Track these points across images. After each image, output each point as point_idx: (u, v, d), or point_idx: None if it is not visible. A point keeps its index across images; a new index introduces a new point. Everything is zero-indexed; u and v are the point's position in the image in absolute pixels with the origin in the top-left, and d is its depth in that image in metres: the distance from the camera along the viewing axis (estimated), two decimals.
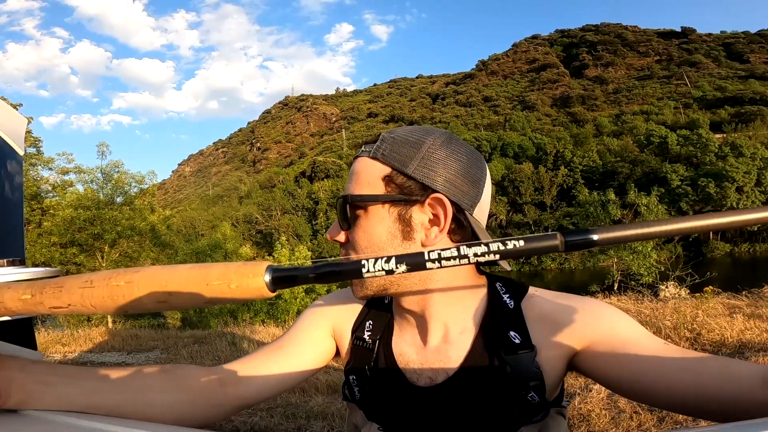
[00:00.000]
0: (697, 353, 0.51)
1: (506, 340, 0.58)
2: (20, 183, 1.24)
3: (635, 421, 2.43)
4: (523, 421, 0.56)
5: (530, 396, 0.56)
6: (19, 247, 1.25)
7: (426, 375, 0.61)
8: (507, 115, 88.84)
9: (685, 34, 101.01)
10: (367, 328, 0.67)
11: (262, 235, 54.07)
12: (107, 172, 14.17)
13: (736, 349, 3.50)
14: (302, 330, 0.70)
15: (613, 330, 0.55)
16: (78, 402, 0.49)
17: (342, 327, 0.70)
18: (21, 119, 1.26)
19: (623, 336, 0.55)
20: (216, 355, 4.86)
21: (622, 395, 0.56)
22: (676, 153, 42.50)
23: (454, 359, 0.60)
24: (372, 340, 0.66)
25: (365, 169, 0.59)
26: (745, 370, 0.46)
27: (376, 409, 0.64)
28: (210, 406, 0.60)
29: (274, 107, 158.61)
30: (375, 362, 0.65)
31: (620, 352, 0.53)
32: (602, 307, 0.59)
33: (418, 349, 0.63)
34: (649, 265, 15.21)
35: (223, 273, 0.33)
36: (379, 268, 0.36)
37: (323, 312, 0.71)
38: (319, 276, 0.38)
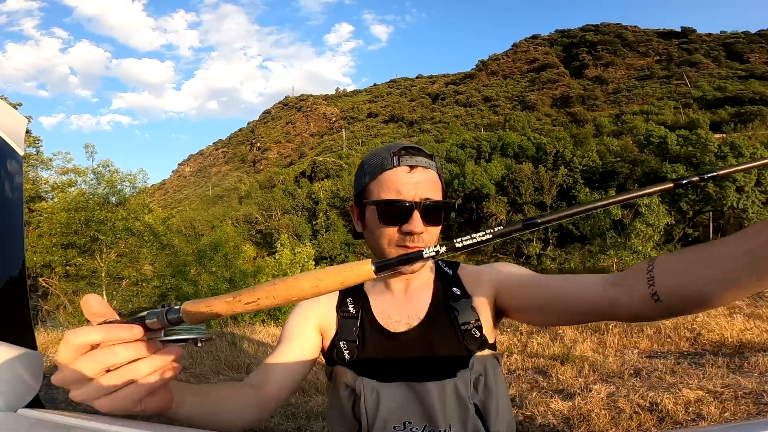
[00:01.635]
0: (567, 276, 0.75)
1: (451, 293, 0.86)
2: (20, 183, 1.24)
3: (635, 421, 2.43)
4: (472, 351, 0.79)
5: (473, 331, 0.81)
6: (20, 248, 1.25)
7: (404, 322, 0.84)
8: (507, 115, 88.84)
9: (685, 34, 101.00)
10: (350, 303, 0.87)
11: (262, 235, 54.05)
12: (98, 172, 14.13)
13: (736, 349, 3.50)
14: (292, 329, 0.86)
15: (510, 272, 0.86)
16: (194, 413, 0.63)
17: (325, 314, 0.87)
18: (21, 119, 1.26)
19: (516, 273, 0.86)
20: (216, 355, 4.86)
21: (530, 323, 0.83)
22: (675, 153, 42.49)
23: (421, 308, 0.85)
24: (355, 310, 0.86)
25: (438, 182, 0.83)
26: (593, 278, 0.68)
27: (366, 364, 0.80)
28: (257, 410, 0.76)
29: (274, 107, 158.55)
30: (360, 325, 0.84)
31: (518, 285, 0.82)
32: (504, 263, 0.90)
33: (395, 306, 0.86)
34: None
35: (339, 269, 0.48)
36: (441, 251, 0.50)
37: (306, 309, 0.88)
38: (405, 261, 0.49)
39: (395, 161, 0.79)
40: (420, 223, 0.78)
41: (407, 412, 0.75)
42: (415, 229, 0.77)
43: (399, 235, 0.79)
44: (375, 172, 0.81)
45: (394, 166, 0.79)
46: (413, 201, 0.78)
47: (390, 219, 0.79)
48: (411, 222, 0.77)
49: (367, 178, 0.82)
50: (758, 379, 2.73)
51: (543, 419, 2.60)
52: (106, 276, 13.94)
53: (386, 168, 0.79)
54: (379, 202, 0.79)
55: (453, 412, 0.74)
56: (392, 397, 0.76)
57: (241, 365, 4.39)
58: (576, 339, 4.02)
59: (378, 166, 0.81)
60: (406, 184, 0.78)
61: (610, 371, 3.27)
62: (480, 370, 0.78)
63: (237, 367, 4.38)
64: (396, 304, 0.86)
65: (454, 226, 50.57)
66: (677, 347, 3.70)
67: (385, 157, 0.80)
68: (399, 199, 0.78)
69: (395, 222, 0.79)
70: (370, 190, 0.82)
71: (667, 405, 2.50)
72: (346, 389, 0.79)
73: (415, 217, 0.78)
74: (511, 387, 3.14)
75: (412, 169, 0.79)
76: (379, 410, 0.75)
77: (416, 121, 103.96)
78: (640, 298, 0.57)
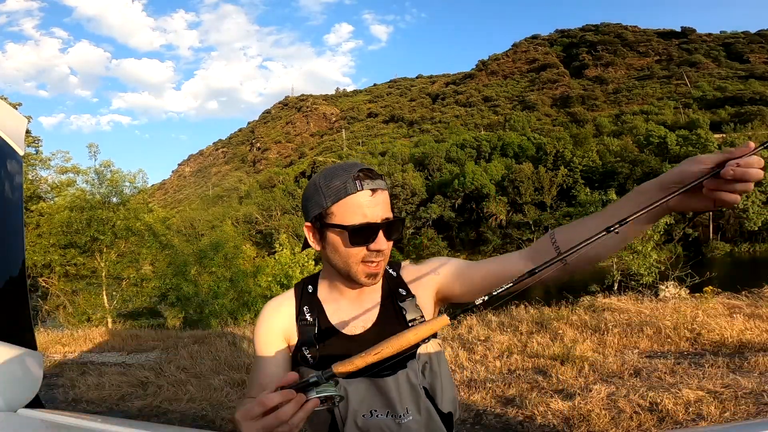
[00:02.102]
0: (492, 258, 0.95)
1: (398, 293, 0.96)
2: (20, 183, 1.23)
3: (635, 421, 2.43)
4: (418, 343, 0.85)
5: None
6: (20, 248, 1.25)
7: (359, 325, 0.94)
8: (507, 115, 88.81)
9: (685, 34, 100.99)
10: (306, 311, 0.96)
11: (262, 235, 54.04)
12: (100, 172, 14.09)
13: (736, 349, 3.50)
14: (265, 343, 0.96)
15: (446, 268, 0.97)
16: None
17: (287, 323, 0.96)
18: (21, 119, 1.25)
19: (452, 267, 0.96)
20: (216, 356, 4.86)
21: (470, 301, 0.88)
22: (675, 153, 42.48)
23: (372, 311, 0.95)
24: (312, 318, 0.94)
25: (389, 200, 0.90)
26: (513, 255, 0.90)
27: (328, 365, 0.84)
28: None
29: (274, 107, 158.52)
30: (318, 331, 0.93)
31: (455, 277, 0.94)
32: (439, 258, 1.01)
33: (349, 311, 0.95)
34: (649, 265, 15.16)
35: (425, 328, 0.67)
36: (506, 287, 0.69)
37: (270, 323, 0.97)
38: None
39: (358, 185, 0.85)
40: (384, 241, 0.87)
41: (372, 403, 0.87)
42: (381, 247, 0.87)
43: (365, 253, 0.88)
44: (338, 196, 0.86)
45: (358, 191, 0.85)
46: (378, 222, 0.86)
47: (359, 240, 0.87)
48: (377, 241, 0.86)
49: (328, 201, 0.87)
50: (758, 379, 2.73)
51: (543, 419, 2.60)
52: (106, 276, 13.92)
53: (350, 192, 0.85)
54: (350, 227, 0.86)
55: (408, 398, 0.88)
56: (358, 391, 0.87)
57: (241, 365, 4.39)
58: (576, 339, 4.01)
59: (341, 190, 0.86)
60: (370, 206, 0.85)
61: (610, 371, 3.27)
62: (426, 359, 0.91)
63: (237, 367, 4.38)
64: (349, 310, 0.96)
65: (454, 227, 50.56)
66: (677, 347, 3.70)
67: (347, 181, 0.85)
68: (368, 222, 0.85)
69: (363, 243, 0.87)
70: (332, 213, 0.87)
71: (667, 405, 2.49)
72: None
73: (380, 236, 0.87)
74: (511, 387, 3.14)
75: (374, 192, 0.86)
76: (350, 403, 0.86)
77: (416, 121, 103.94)
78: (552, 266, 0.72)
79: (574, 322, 4.55)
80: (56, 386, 4.38)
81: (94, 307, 13.30)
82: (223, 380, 4.00)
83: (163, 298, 14.45)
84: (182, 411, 3.44)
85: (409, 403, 0.88)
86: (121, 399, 3.83)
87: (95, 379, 4.38)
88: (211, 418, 3.25)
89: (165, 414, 3.44)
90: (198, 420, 3.27)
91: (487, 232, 47.82)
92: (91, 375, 4.55)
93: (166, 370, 4.49)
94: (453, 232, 50.69)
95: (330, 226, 0.88)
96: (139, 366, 4.87)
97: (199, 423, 3.21)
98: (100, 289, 13.88)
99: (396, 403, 0.87)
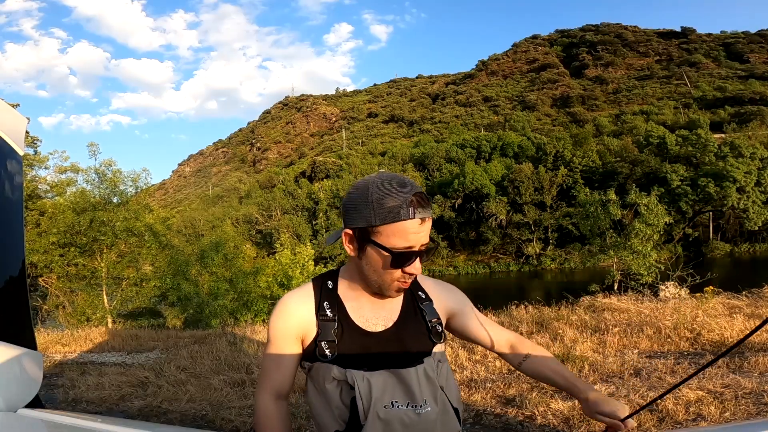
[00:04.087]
0: (496, 326, 1.15)
1: (418, 296, 1.05)
2: (20, 183, 1.23)
3: (635, 421, 2.43)
4: (435, 342, 1.00)
5: (437, 326, 1.02)
6: (20, 248, 1.25)
7: (379, 323, 0.98)
8: (507, 115, 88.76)
9: (685, 34, 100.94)
10: (326, 307, 0.98)
11: (262, 235, 54.01)
12: (101, 172, 14.05)
13: (735, 349, 3.49)
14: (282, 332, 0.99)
15: (465, 305, 1.12)
16: None
17: (305, 320, 0.98)
18: (21, 119, 1.25)
19: (468, 306, 1.13)
20: (216, 356, 4.85)
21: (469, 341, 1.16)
22: (675, 153, 42.45)
23: (394, 310, 1.01)
24: (332, 314, 0.97)
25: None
26: (503, 335, 1.15)
27: (348, 359, 0.93)
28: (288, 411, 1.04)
29: (274, 107, 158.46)
30: (339, 327, 0.96)
31: (462, 321, 1.11)
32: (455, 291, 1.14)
33: (370, 310, 1.00)
34: (649, 265, 15.17)
35: None
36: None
37: (286, 323, 0.99)
38: None
39: (411, 213, 0.88)
40: (419, 265, 0.93)
41: (393, 394, 0.92)
42: (417, 271, 0.93)
43: (399, 274, 0.93)
44: (389, 219, 0.88)
45: (410, 218, 0.88)
46: (419, 249, 0.91)
47: (398, 264, 0.92)
48: (413, 266, 0.92)
49: (377, 219, 0.89)
50: (758, 379, 2.73)
51: (543, 419, 2.60)
52: (106, 276, 13.91)
53: (402, 218, 0.88)
54: (394, 252, 0.90)
55: (427, 390, 0.94)
56: (380, 382, 0.91)
57: (241, 365, 4.39)
58: (576, 339, 4.01)
59: (394, 213, 0.88)
60: (416, 234, 0.89)
61: (610, 371, 3.27)
62: (440, 357, 1.00)
63: (237, 367, 4.37)
64: (370, 307, 1.00)
65: (454, 227, 50.53)
66: (677, 347, 3.70)
67: (402, 207, 0.87)
68: (411, 249, 0.90)
69: (401, 266, 0.92)
70: (378, 232, 0.90)
71: (667, 405, 2.49)
72: (332, 382, 0.93)
73: (417, 261, 0.92)
74: (511, 387, 3.14)
75: (423, 221, 0.89)
76: (373, 394, 0.90)
77: (416, 121, 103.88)
78: (512, 362, 1.14)
79: (574, 322, 4.55)
80: (56, 386, 4.38)
81: (94, 308, 13.30)
82: (223, 380, 3.99)
83: (163, 298, 14.45)
84: (182, 411, 3.44)
85: (428, 395, 0.93)
86: (121, 399, 3.82)
87: (95, 379, 4.38)
88: (211, 418, 3.25)
89: (165, 414, 3.44)
90: (198, 420, 3.27)
91: (487, 232, 47.78)
92: (91, 375, 4.55)
93: (166, 370, 4.49)
94: (453, 232, 50.65)
95: (373, 243, 0.91)
96: (139, 366, 4.87)
97: (199, 423, 3.21)
98: (100, 289, 13.87)
99: (416, 393, 0.92)
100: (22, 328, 1.16)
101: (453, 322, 1.10)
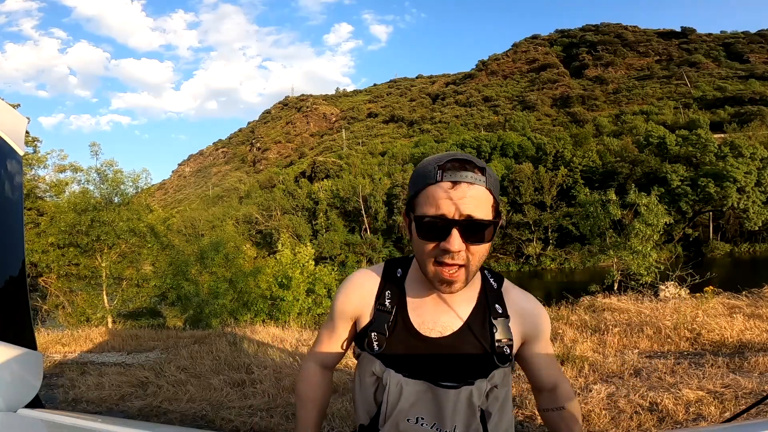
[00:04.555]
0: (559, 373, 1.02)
1: (494, 309, 0.90)
2: (20, 183, 1.23)
3: (635, 421, 2.43)
4: (498, 366, 0.87)
5: (505, 349, 0.88)
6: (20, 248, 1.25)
7: (437, 329, 0.88)
8: (507, 115, 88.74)
9: (685, 34, 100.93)
10: (387, 297, 0.91)
11: (262, 235, 53.99)
12: (102, 172, 14.04)
13: (736, 349, 3.50)
14: (340, 310, 0.96)
15: (543, 334, 0.96)
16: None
17: (364, 303, 0.93)
18: (21, 118, 1.25)
19: (545, 342, 0.98)
20: (216, 356, 4.85)
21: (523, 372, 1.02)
22: (675, 153, 42.43)
23: (457, 320, 0.89)
24: (391, 306, 0.90)
25: (485, 198, 0.79)
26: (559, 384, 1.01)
27: (393, 358, 0.86)
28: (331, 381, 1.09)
29: (274, 107, 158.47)
30: (393, 321, 0.89)
31: (536, 351, 0.96)
32: (547, 316, 0.98)
33: (432, 312, 0.89)
34: (648, 265, 15.18)
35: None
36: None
37: (346, 300, 0.95)
38: None
39: (439, 175, 0.77)
40: (458, 241, 0.77)
41: (422, 409, 0.84)
42: (452, 247, 0.77)
43: (438, 251, 0.79)
44: (420, 185, 0.80)
45: (437, 182, 0.77)
46: (453, 218, 0.76)
47: (429, 235, 0.79)
48: (448, 240, 0.77)
49: (413, 189, 0.82)
50: (758, 379, 2.73)
51: None
52: (106, 276, 13.91)
53: (429, 182, 0.78)
54: (419, 218, 0.79)
55: (461, 416, 0.84)
56: (413, 393, 0.84)
57: (241, 365, 4.38)
58: (576, 339, 4.01)
59: (423, 178, 0.80)
60: (446, 200, 0.76)
61: (610, 371, 3.27)
62: (497, 382, 0.87)
63: (237, 367, 4.37)
64: (433, 311, 0.89)
65: None
66: (677, 347, 3.70)
67: (431, 170, 0.78)
68: (437, 215, 0.77)
69: (434, 238, 0.78)
70: (416, 203, 0.81)
71: (667, 405, 2.49)
72: (372, 377, 0.88)
73: (454, 235, 0.76)
74: (511, 387, 3.13)
75: (455, 185, 0.76)
76: (400, 402, 0.84)
77: (416, 121, 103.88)
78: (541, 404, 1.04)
79: (574, 322, 4.55)
80: (56, 386, 4.38)
81: (94, 308, 13.29)
82: (223, 380, 3.99)
83: (163, 298, 14.45)
84: (182, 411, 3.43)
85: (460, 421, 0.84)
86: (121, 399, 3.82)
87: (95, 379, 4.38)
88: (211, 418, 3.25)
89: (165, 414, 3.44)
90: (198, 420, 3.27)
91: None
92: (91, 375, 4.55)
93: (166, 370, 4.49)
94: None
95: (411, 216, 0.83)
96: (139, 366, 4.87)
97: (199, 423, 3.21)
98: (100, 289, 13.87)
99: (447, 417, 0.83)
100: (22, 328, 1.16)
101: (521, 349, 0.97)
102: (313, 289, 12.95)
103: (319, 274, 13.28)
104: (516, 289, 0.96)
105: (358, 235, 51.87)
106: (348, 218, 54.35)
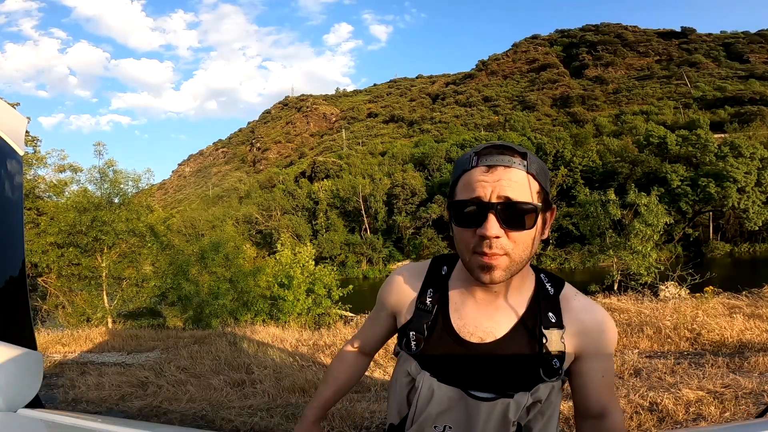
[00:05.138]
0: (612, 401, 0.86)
1: (546, 318, 0.81)
2: (20, 183, 1.23)
3: (635, 421, 2.43)
4: (544, 380, 0.79)
5: (554, 362, 0.79)
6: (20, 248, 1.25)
7: (477, 334, 0.81)
8: (507, 115, 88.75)
9: (685, 34, 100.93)
10: (429, 296, 0.87)
11: (262, 235, 54.00)
12: (103, 172, 14.04)
13: (736, 349, 3.50)
14: (382, 302, 0.95)
15: (603, 352, 0.83)
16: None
17: (405, 299, 0.90)
18: (21, 118, 1.25)
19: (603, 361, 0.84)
20: (216, 356, 4.85)
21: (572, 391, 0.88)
22: (675, 153, 42.44)
23: (503, 326, 0.81)
24: (432, 305, 0.85)
25: (526, 182, 0.74)
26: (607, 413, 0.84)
27: (429, 360, 0.83)
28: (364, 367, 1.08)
29: (274, 107, 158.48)
30: (433, 321, 0.84)
31: (592, 369, 0.83)
32: (613, 330, 0.85)
33: (474, 315, 0.83)
34: (648, 265, 15.19)
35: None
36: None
37: (388, 294, 0.93)
38: None
39: (474, 161, 0.75)
40: (495, 226, 0.72)
41: (451, 418, 0.80)
42: (487, 232, 0.71)
43: (476, 241, 0.74)
44: (457, 173, 0.79)
45: (473, 167, 0.75)
46: (488, 201, 0.72)
47: (464, 221, 0.75)
48: (485, 225, 0.72)
49: (452, 179, 0.81)
50: (758, 379, 2.73)
51: None
52: (106, 276, 13.91)
53: (465, 168, 0.76)
54: (453, 203, 0.77)
55: (492, 430, 0.78)
56: (444, 399, 0.80)
57: (241, 365, 4.39)
58: None
59: (460, 166, 0.78)
60: (481, 183, 0.73)
61: None
62: (541, 397, 0.79)
63: (237, 367, 4.37)
64: (476, 315, 0.83)
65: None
66: (677, 347, 3.70)
67: (468, 158, 0.77)
68: (471, 198, 0.73)
69: (470, 224, 0.74)
70: (454, 193, 0.79)
71: (667, 405, 2.49)
72: (407, 377, 0.85)
73: (490, 219, 0.72)
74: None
75: (490, 168, 0.73)
76: (429, 407, 0.81)
77: (416, 121, 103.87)
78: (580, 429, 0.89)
79: None
80: (56, 386, 4.38)
81: (94, 308, 13.30)
82: (223, 380, 3.99)
83: (163, 298, 14.45)
84: (182, 411, 3.44)
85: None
86: (121, 399, 3.82)
87: (95, 379, 4.38)
88: (211, 418, 3.25)
89: (165, 414, 3.44)
90: (198, 420, 3.27)
91: None
92: (91, 375, 4.55)
93: (166, 370, 4.49)
94: (451, 232, 50.64)
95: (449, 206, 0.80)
96: (139, 366, 4.87)
97: (199, 423, 3.21)
98: (100, 289, 13.87)
99: (477, 428, 0.78)
100: (22, 328, 1.16)
101: (574, 365, 0.84)
102: (313, 289, 12.96)
103: (319, 274, 13.29)
104: (579, 296, 0.86)
105: (358, 235, 51.88)
106: (348, 218, 54.36)
